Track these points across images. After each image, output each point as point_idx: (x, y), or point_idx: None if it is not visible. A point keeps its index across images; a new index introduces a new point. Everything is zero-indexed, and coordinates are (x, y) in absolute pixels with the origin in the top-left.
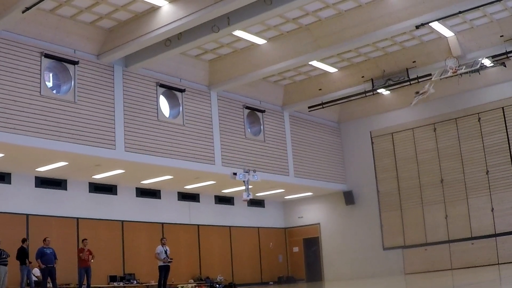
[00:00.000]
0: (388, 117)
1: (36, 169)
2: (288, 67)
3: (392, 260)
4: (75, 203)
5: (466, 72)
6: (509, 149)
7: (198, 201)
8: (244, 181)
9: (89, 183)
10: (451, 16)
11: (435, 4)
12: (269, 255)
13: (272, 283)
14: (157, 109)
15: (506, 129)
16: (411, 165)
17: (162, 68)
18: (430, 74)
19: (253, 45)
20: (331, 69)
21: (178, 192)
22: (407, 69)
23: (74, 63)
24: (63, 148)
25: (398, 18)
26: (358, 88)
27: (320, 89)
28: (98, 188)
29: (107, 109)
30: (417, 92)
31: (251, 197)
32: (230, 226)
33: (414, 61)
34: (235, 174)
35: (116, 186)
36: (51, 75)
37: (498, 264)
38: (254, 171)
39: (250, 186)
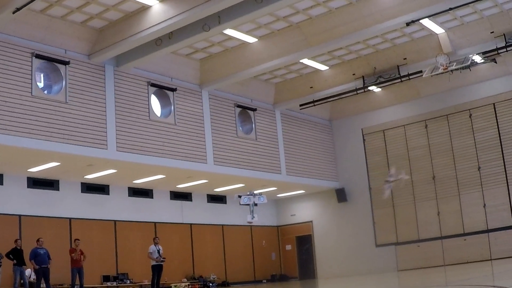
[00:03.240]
0: (379, 114)
1: (28, 170)
2: (279, 65)
3: (385, 257)
4: (68, 204)
5: (457, 69)
6: (501, 145)
7: (191, 200)
8: (249, 204)
9: (81, 183)
10: (441, 12)
11: (425, 1)
12: (262, 253)
13: (265, 281)
14: (148, 108)
15: (498, 125)
16: (403, 162)
17: (153, 67)
18: (421, 71)
19: (244, 43)
20: (322, 67)
21: (171, 191)
22: (398, 66)
23: (65, 63)
24: (55, 148)
25: (389, 15)
26: (349, 86)
27: (311, 87)
28: (90, 188)
29: (98, 109)
30: (387, 181)
31: (256, 219)
32: (222, 225)
33: (405, 58)
34: (240, 197)
35: (108, 186)
36: (42, 75)
37: (491, 259)
38: (260, 194)
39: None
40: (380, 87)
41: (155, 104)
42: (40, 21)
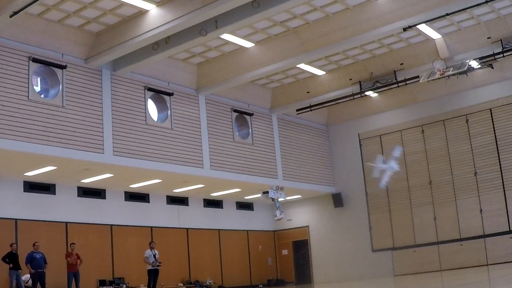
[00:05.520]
0: (376, 119)
1: (25, 174)
2: (276, 70)
3: (381, 262)
4: (64, 208)
5: (454, 74)
6: (497, 150)
7: (187, 205)
8: (273, 199)
9: (78, 187)
10: (438, 18)
11: (422, 6)
12: (258, 258)
13: (261, 285)
14: (145, 113)
15: (494, 130)
16: (400, 167)
17: (150, 72)
18: (417, 76)
19: (241, 48)
20: (319, 72)
21: (167, 196)
22: (394, 71)
23: (62, 67)
24: (52, 152)
25: (386, 20)
26: (346, 91)
27: (308, 92)
28: (86, 192)
29: (95, 113)
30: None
31: (283, 216)
32: (219, 229)
33: (401, 63)
34: (265, 193)
35: (104, 190)
36: (39, 79)
37: (487, 265)
38: (282, 188)
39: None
40: (377, 92)
41: (152, 108)
42: (37, 25)
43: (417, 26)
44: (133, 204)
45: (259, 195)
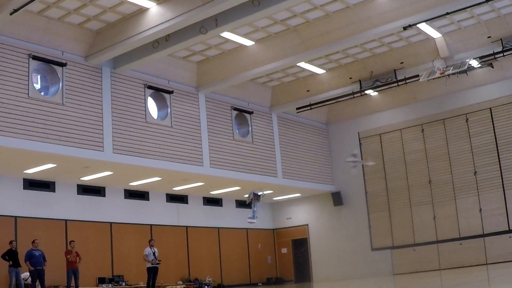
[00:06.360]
0: (376, 118)
1: (24, 171)
2: (276, 68)
3: (380, 261)
4: (64, 205)
5: (454, 73)
6: (497, 149)
7: (187, 203)
8: (253, 203)
9: (77, 185)
10: (438, 17)
11: (422, 5)
12: (257, 256)
13: (260, 284)
14: (145, 110)
15: (494, 129)
16: (399, 166)
17: (150, 69)
18: (417, 75)
19: (241, 46)
20: (319, 71)
21: (167, 194)
22: (394, 70)
23: (62, 65)
24: (51, 150)
25: (386, 19)
26: (346, 89)
27: (308, 91)
28: (86, 190)
29: (95, 111)
30: (349, 161)
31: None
32: (218, 228)
33: (401, 62)
34: (256, 197)
35: (104, 188)
36: (39, 77)
37: (486, 264)
38: (261, 190)
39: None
40: (377, 91)
41: (152, 106)
42: (37, 23)
43: (417, 25)
44: (132, 202)
45: (246, 195)
